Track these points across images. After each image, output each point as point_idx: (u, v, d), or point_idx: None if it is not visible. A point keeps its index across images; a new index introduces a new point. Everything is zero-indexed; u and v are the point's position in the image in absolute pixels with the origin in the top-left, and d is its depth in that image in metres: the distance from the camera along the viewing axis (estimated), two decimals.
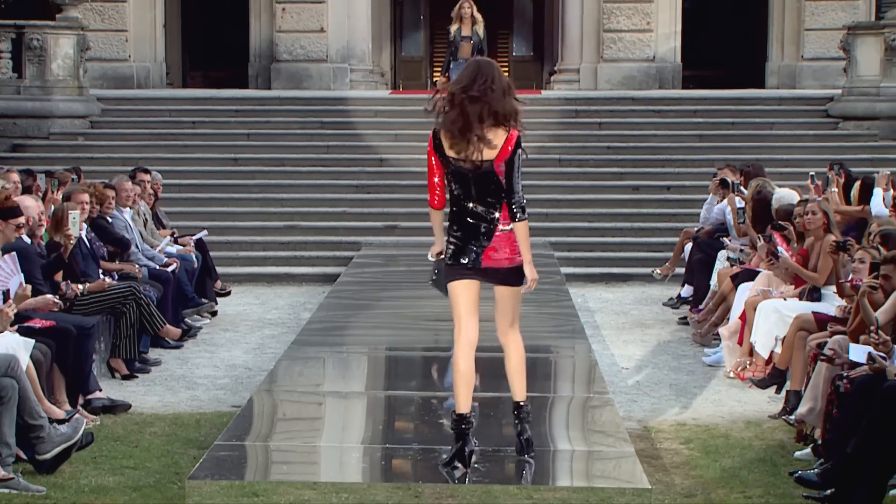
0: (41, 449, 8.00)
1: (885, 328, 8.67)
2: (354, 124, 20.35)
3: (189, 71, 27.15)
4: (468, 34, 18.83)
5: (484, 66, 7.13)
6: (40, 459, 8.01)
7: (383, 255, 16.87)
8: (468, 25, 18.84)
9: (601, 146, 19.56)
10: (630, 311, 14.51)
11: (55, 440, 8.03)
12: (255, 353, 12.17)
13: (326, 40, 23.68)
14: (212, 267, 14.51)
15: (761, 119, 20.66)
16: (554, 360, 10.51)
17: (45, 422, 8.06)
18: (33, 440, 7.99)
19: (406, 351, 11.32)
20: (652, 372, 11.41)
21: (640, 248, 17.12)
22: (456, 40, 18.86)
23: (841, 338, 8.95)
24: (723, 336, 11.63)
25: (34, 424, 7.98)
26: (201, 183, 18.59)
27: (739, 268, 12.60)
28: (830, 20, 23.41)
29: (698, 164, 18.76)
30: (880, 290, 8.91)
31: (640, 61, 23.61)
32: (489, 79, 7.02)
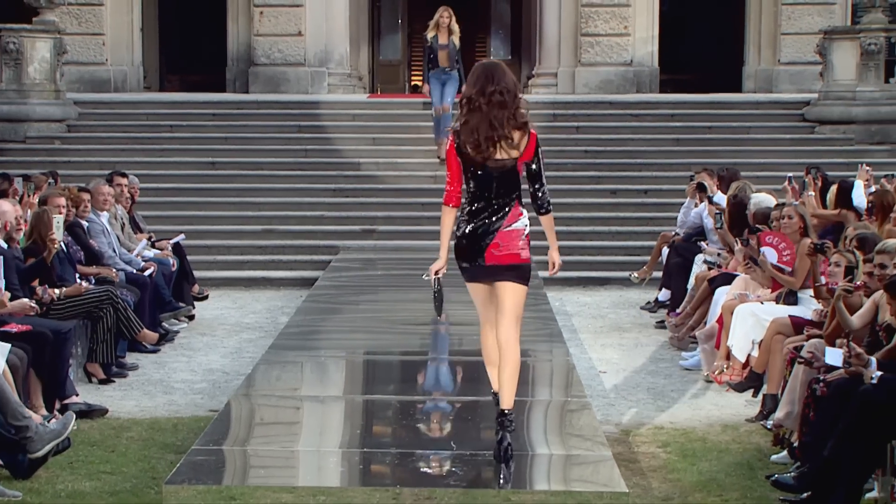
0: (32, 448, 7.96)
1: (861, 332, 8.71)
2: (332, 128, 20.33)
3: (166, 74, 27.10)
4: (445, 42, 19.02)
5: (497, 68, 7.40)
6: (32, 458, 7.97)
7: (361, 258, 16.87)
8: (445, 34, 19.04)
9: (579, 150, 19.58)
10: (607, 315, 14.53)
11: (45, 438, 8.01)
12: (232, 358, 12.15)
13: (304, 44, 23.67)
14: (189, 271, 14.49)
15: (738, 123, 20.72)
16: (532, 363, 10.51)
17: (31, 421, 8.03)
18: (22, 441, 7.94)
19: (384, 355, 11.32)
20: (629, 376, 11.43)
21: (618, 252, 17.15)
22: (434, 48, 19.06)
23: (817, 341, 8.98)
24: (700, 340, 11.65)
25: (20, 425, 7.94)
26: (178, 187, 18.55)
27: (717, 271, 12.63)
28: (807, 25, 23.50)
29: (675, 167, 18.80)
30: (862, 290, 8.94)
31: (617, 65, 23.66)
32: (502, 81, 7.30)
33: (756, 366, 10.47)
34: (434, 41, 19.12)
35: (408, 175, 18.85)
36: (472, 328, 11.89)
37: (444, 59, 19.04)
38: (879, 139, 20.10)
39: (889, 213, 11.74)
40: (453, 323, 12.81)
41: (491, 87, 7.30)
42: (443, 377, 10.57)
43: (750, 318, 10.76)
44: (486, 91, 7.29)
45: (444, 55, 19.04)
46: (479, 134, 7.29)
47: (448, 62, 19.05)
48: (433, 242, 17.06)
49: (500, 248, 7.46)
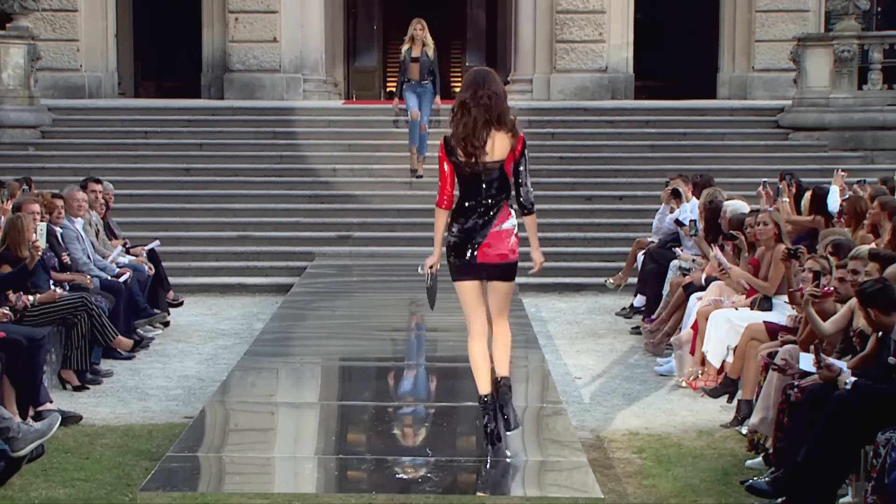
0: (15, 447, 7.93)
1: (834, 338, 8.74)
2: (308, 134, 20.32)
3: (141, 81, 27.02)
4: (417, 55, 18.94)
5: (488, 74, 7.83)
6: (14, 457, 7.93)
7: (337, 265, 16.85)
8: (418, 47, 18.98)
9: (554, 156, 19.61)
10: (583, 321, 14.56)
11: (29, 437, 7.98)
12: (207, 364, 12.12)
13: (279, 50, 23.63)
14: (164, 277, 14.45)
15: (713, 129, 20.79)
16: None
17: (12, 421, 8.00)
18: (5, 441, 7.91)
19: (359, 361, 11.31)
20: (605, 381, 11.45)
21: (593, 258, 17.17)
22: (406, 61, 18.99)
23: (791, 347, 9.01)
24: (675, 346, 11.68)
25: (2, 427, 7.91)
26: (153, 193, 18.50)
27: (692, 277, 12.66)
28: (781, 32, 23.58)
29: (650, 174, 18.84)
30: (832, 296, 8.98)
31: (592, 72, 23.69)
32: (492, 86, 7.73)
33: (731, 371, 10.50)
34: (407, 54, 19.06)
35: (383, 181, 18.85)
36: (448, 334, 11.97)
37: (416, 72, 18.95)
38: (853, 146, 20.20)
39: (862, 219, 11.80)
40: (429, 329, 12.82)
41: (482, 91, 7.69)
42: (418, 383, 10.57)
43: (725, 324, 10.79)
44: (477, 95, 7.68)
45: (415, 67, 18.96)
46: (470, 136, 7.66)
47: (420, 75, 18.92)
48: (409, 249, 17.24)
49: (491, 247, 7.80)
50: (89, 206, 13.37)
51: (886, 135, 20.25)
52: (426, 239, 17.20)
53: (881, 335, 7.93)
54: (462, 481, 7.44)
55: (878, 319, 7.80)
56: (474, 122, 7.66)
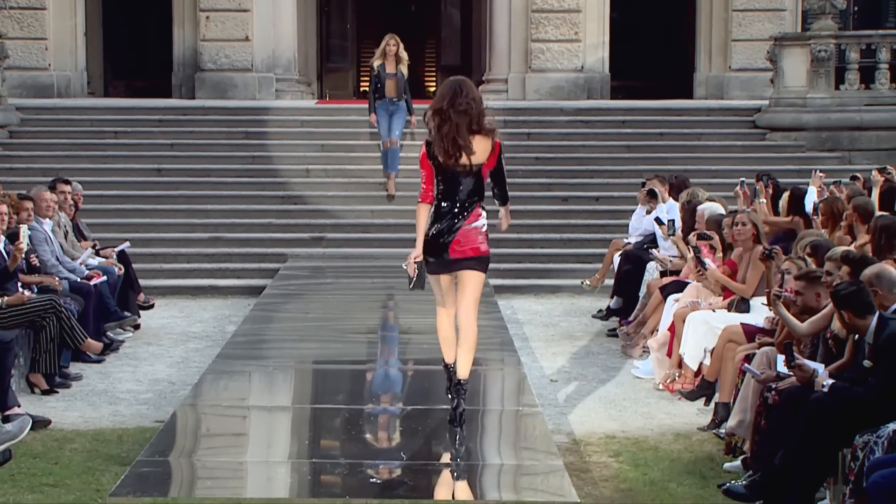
0: None
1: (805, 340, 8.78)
2: (280, 134, 20.29)
3: (111, 80, 26.89)
4: (393, 72, 18.61)
5: (465, 83, 8.49)
6: None
7: (310, 266, 16.83)
8: (392, 63, 18.63)
9: (529, 157, 19.62)
10: (559, 323, 14.57)
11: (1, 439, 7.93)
12: (178, 367, 12.09)
13: (251, 49, 23.57)
14: (134, 279, 14.41)
15: (689, 130, 20.84)
16: (483, 372, 10.52)
17: None
18: None
19: (333, 364, 11.30)
20: (581, 384, 11.46)
21: (569, 260, 17.19)
22: (381, 77, 18.61)
23: (768, 349, 9.04)
24: (652, 348, 11.70)
25: None
26: (124, 194, 18.44)
27: (669, 279, 12.69)
28: (758, 31, 23.64)
29: (627, 174, 18.87)
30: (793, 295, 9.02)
31: (568, 72, 23.72)
32: (471, 94, 8.39)
33: (708, 374, 10.52)
34: (381, 70, 18.67)
35: (357, 182, 18.83)
36: (422, 336, 11.98)
37: (392, 89, 18.61)
38: (830, 146, 20.28)
39: (839, 220, 11.84)
40: (403, 331, 12.82)
41: (459, 99, 8.34)
42: (392, 386, 10.57)
43: (702, 325, 10.81)
44: (455, 103, 8.33)
45: (391, 85, 18.61)
46: (450, 141, 8.31)
47: (396, 92, 18.60)
48: (383, 250, 17.23)
49: (461, 244, 8.46)
50: (58, 208, 13.31)
51: (864, 135, 20.34)
52: (400, 240, 17.32)
53: (857, 338, 7.96)
54: (437, 485, 7.44)
55: (851, 322, 7.83)
56: (457, 127, 8.29)
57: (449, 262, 8.51)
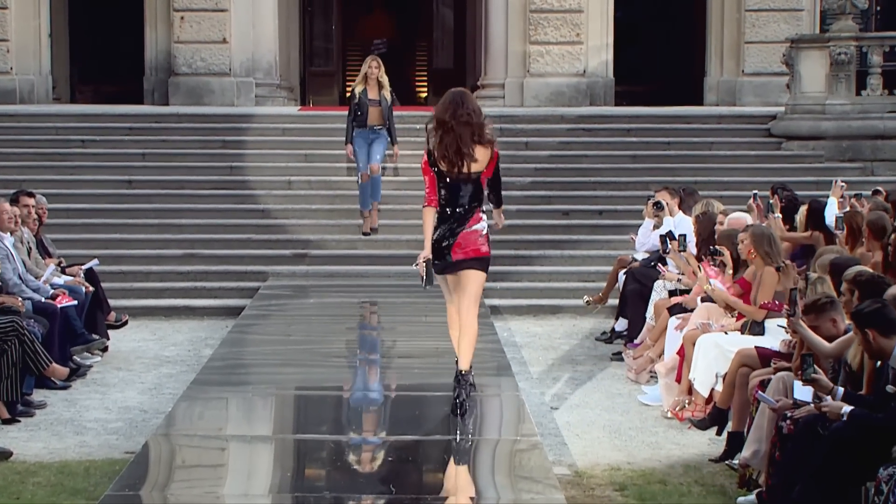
0: None
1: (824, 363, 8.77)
2: (260, 143, 20.29)
3: (78, 85, 26.92)
4: (375, 98, 18.14)
5: (465, 94, 9.60)
6: None
7: (292, 285, 16.82)
8: (375, 88, 18.17)
9: (528, 167, 19.64)
10: (560, 346, 14.57)
11: None
12: (150, 394, 12.07)
13: (229, 52, 23.60)
14: (103, 299, 14.38)
15: (699, 138, 20.86)
16: (478, 399, 10.51)
17: None
18: None
19: (317, 391, 11.28)
20: (584, 412, 11.46)
21: (571, 278, 17.19)
22: (363, 104, 18.12)
23: (785, 374, 9.04)
24: (659, 373, 11.70)
25: None
26: (91, 207, 18.43)
27: (678, 298, 12.69)
28: (772, 32, 23.71)
29: (632, 186, 18.89)
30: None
31: (569, 76, 23.76)
32: (470, 105, 9.46)
33: (720, 401, 10.52)
34: (363, 96, 18.16)
35: (343, 195, 18.83)
36: (412, 360, 11.98)
37: (376, 117, 18.13)
38: (850, 156, 20.29)
39: (861, 236, 11.85)
40: (391, 356, 12.81)
41: (461, 110, 9.38)
42: (381, 414, 10.55)
43: (713, 349, 10.82)
44: (457, 114, 9.38)
45: (375, 113, 18.12)
46: (453, 151, 9.38)
47: (380, 119, 18.14)
48: (371, 268, 17.22)
49: (462, 246, 9.56)
50: (21, 222, 13.29)
51: (887, 144, 20.32)
52: (388, 257, 17.35)
53: (879, 364, 7.95)
54: None
55: (876, 343, 7.82)
56: (460, 137, 9.36)
57: (452, 263, 9.62)
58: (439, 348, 12.43)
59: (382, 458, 8.94)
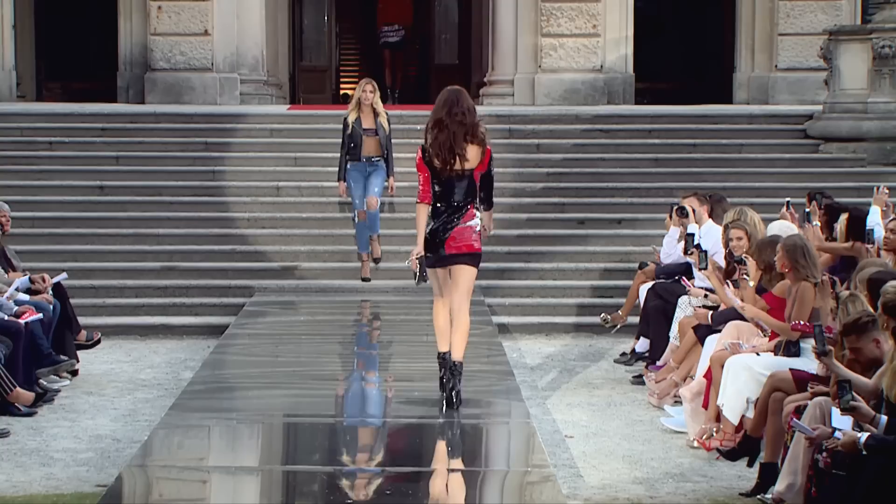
0: None
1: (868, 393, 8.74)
2: (246, 145, 20.29)
3: (45, 81, 26.95)
4: (371, 127, 17.50)
5: (461, 93, 10.91)
6: None
7: (280, 301, 16.82)
8: (369, 116, 17.53)
9: (539, 172, 19.64)
10: (575, 368, 14.57)
11: None
12: (124, 422, 12.07)
13: (211, 45, 23.61)
14: (72, 317, 14.37)
15: (728, 140, 20.83)
16: (485, 426, 10.52)
17: None
18: None
19: (308, 417, 11.27)
20: (601, 441, 11.45)
21: (587, 293, 17.19)
22: (356, 134, 17.45)
23: (822, 400, 9.01)
24: (684, 398, 11.68)
25: None
26: (60, 215, 18.43)
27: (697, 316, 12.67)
28: (809, 23, 23.71)
29: (654, 192, 18.88)
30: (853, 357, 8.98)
31: (585, 71, 23.76)
32: (465, 103, 10.81)
33: (751, 429, 10.51)
34: (357, 125, 17.47)
35: (336, 202, 18.82)
36: (412, 384, 11.98)
37: (373, 147, 17.49)
38: (895, 159, 20.26)
39: None
40: (390, 378, 12.81)
41: (456, 108, 10.73)
42: (378, 443, 10.55)
43: (744, 372, 10.80)
44: (452, 112, 10.71)
45: (371, 143, 17.48)
46: (446, 149, 10.68)
47: (377, 150, 17.52)
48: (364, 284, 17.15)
49: (455, 240, 10.79)
50: None
51: None
52: (386, 271, 17.33)
53: None
54: None
55: None
56: (453, 135, 10.65)
57: (444, 257, 10.84)
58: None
59: (380, 492, 8.93)
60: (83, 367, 14.10)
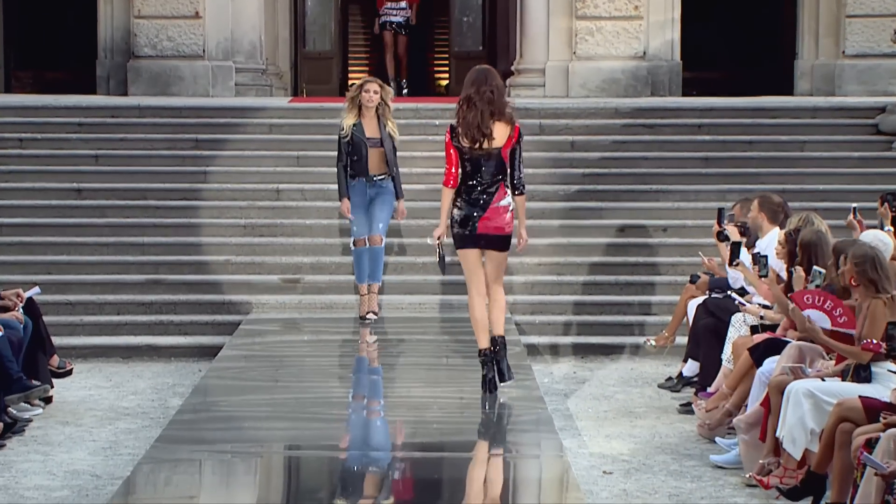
0: None
1: None
2: (242, 143, 20.31)
3: (14, 70, 27.00)
4: (375, 136, 16.34)
5: (489, 71, 12.48)
6: None
7: (281, 319, 16.84)
8: (372, 120, 16.35)
9: (574, 173, 19.63)
10: (614, 395, 14.56)
11: None
12: (105, 455, 12.08)
13: (203, 29, 23.63)
14: (46, 336, 14.39)
15: (788, 136, 20.80)
16: (512, 461, 10.53)
17: None
18: None
19: (311, 450, 11.29)
20: (644, 478, 11.45)
21: (628, 310, 17.19)
22: (357, 145, 16.28)
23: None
24: (739, 429, 11.67)
25: None
26: (31, 222, 18.48)
27: (762, 336, 12.66)
28: (882, 3, 23.64)
29: (704, 196, 18.87)
30: None
31: (625, 59, 23.71)
32: (493, 82, 12.34)
33: (816, 465, 10.49)
34: (357, 133, 16.26)
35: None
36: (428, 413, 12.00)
37: (377, 163, 16.34)
38: None
39: None
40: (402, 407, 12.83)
41: (484, 87, 12.24)
42: (390, 481, 10.55)
43: (807, 399, 10.78)
44: (480, 90, 12.22)
45: (376, 157, 16.31)
46: (474, 128, 12.17)
47: (382, 166, 16.40)
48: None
49: (490, 220, 12.33)
50: None
51: None
52: (400, 285, 17.32)
53: None
54: None
55: None
56: (480, 114, 12.15)
57: (476, 236, 12.36)
58: (463, 398, 12.46)
59: None
60: (58, 393, 14.12)
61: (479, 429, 11.89)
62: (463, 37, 29.50)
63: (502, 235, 12.43)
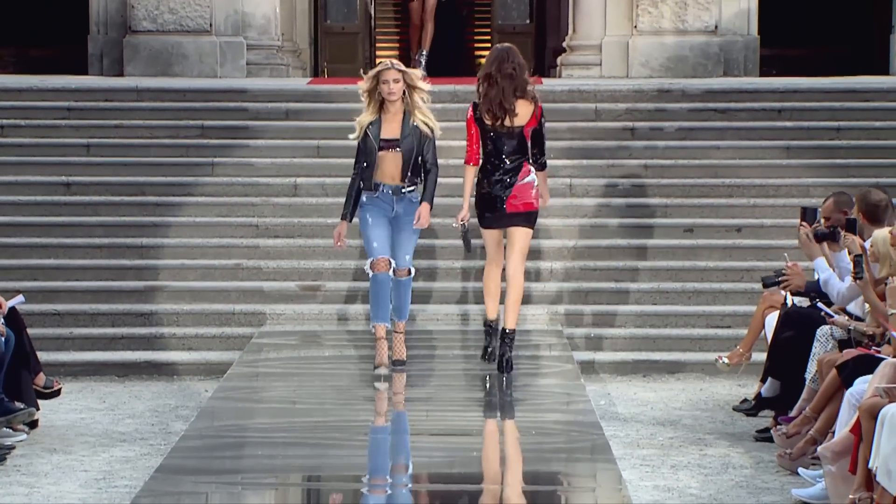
0: None
1: None
2: (254, 130, 20.35)
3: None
4: (395, 136, 14.60)
5: (511, 49, 14.13)
6: None
7: (298, 332, 16.86)
8: (396, 117, 14.66)
9: (634, 164, 19.63)
10: (681, 420, 14.57)
11: None
12: (98, 487, 12.12)
13: (210, 1, 23.69)
14: (31, 352, 14.44)
15: (883, 122, 20.75)
16: (564, 494, 10.53)
17: None
18: None
19: (332, 481, 11.31)
20: None
21: (697, 322, 17.19)
22: (371, 148, 14.65)
23: None
24: (825, 458, 11.66)
25: None
26: (14, 220, 18.56)
27: (852, 352, 12.63)
28: None
29: (785, 191, 18.86)
30: None
31: (694, 33, 23.72)
32: (515, 60, 13.97)
33: None
34: (373, 131, 14.66)
35: None
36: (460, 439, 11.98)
37: (391, 170, 14.65)
38: None
39: None
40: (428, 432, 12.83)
41: (506, 64, 13.91)
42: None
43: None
44: (502, 68, 13.90)
45: (392, 161, 14.63)
46: (496, 105, 13.86)
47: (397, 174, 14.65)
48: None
49: (517, 198, 14.04)
50: None
51: None
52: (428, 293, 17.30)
53: None
54: None
55: None
56: (503, 91, 13.85)
57: (506, 216, 14.08)
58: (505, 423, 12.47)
59: None
60: (44, 416, 14.18)
61: (525, 457, 11.89)
62: (507, 9, 29.46)
63: (530, 211, 14.19)
